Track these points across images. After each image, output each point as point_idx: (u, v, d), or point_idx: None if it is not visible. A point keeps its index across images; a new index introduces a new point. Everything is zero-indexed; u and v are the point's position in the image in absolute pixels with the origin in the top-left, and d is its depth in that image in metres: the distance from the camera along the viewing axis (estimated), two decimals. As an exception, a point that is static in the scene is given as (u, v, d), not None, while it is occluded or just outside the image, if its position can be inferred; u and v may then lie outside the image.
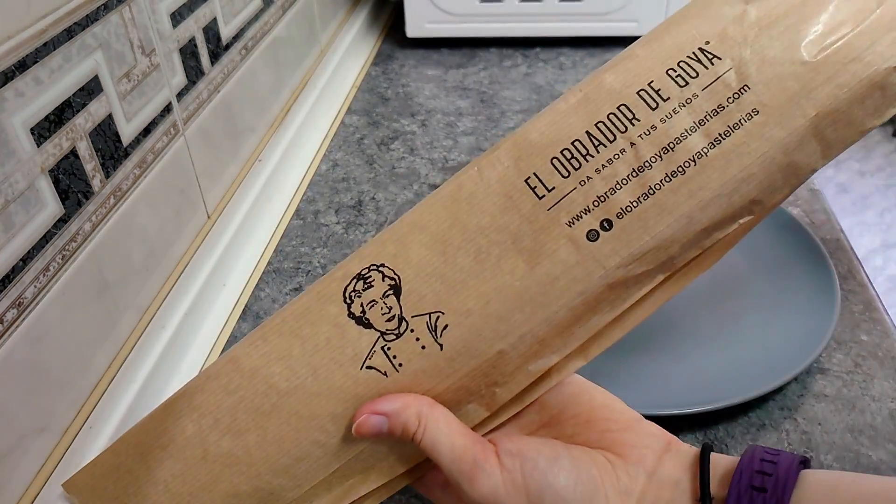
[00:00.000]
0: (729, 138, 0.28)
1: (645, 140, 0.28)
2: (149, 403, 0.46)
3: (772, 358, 0.46)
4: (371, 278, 0.30)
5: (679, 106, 0.29)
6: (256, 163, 0.65)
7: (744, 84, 0.28)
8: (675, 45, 0.30)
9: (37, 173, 0.37)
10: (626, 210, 0.28)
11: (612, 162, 0.29)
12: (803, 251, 0.53)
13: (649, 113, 0.29)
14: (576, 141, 0.29)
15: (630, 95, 0.29)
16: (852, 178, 2.35)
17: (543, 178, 0.29)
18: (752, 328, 0.49)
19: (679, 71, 0.29)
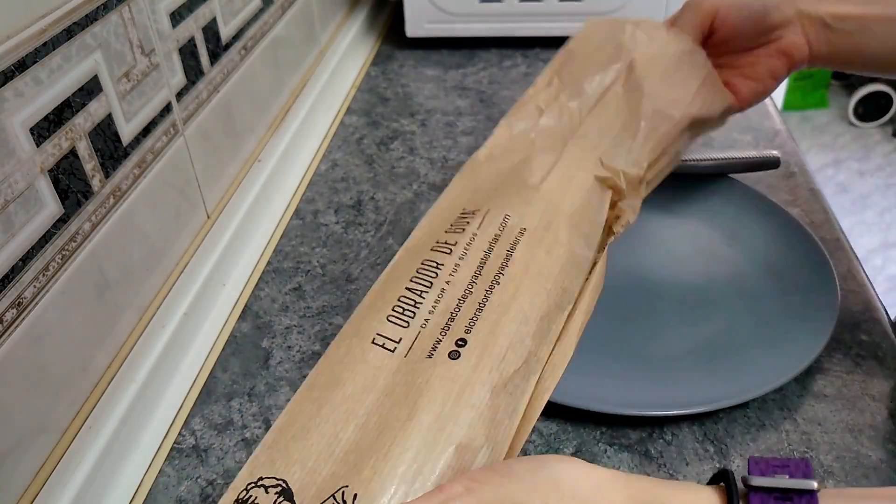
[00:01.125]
0: (516, 251, 0.36)
1: (455, 275, 0.35)
2: (149, 403, 0.46)
3: (772, 358, 0.46)
4: (252, 498, 0.28)
5: (468, 244, 0.36)
6: (256, 163, 0.65)
7: (505, 214, 0.38)
8: (441, 218, 0.39)
9: (36, 173, 0.37)
10: (473, 321, 0.33)
11: (439, 299, 0.34)
12: (803, 251, 0.53)
13: (447, 257, 0.35)
14: (401, 298, 0.34)
15: (426, 253, 0.36)
16: (852, 177, 2.35)
17: (387, 334, 0.33)
18: (752, 328, 0.49)
19: (452, 228, 0.37)
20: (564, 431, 0.45)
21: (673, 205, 0.60)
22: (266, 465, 0.28)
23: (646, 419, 0.45)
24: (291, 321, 0.54)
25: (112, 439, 0.42)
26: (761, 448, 0.43)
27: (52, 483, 0.39)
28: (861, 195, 2.27)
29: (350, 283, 0.57)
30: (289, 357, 0.51)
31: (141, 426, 0.45)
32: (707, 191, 0.61)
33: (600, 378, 0.47)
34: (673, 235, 0.58)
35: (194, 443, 0.46)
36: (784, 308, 0.50)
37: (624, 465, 0.43)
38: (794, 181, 0.65)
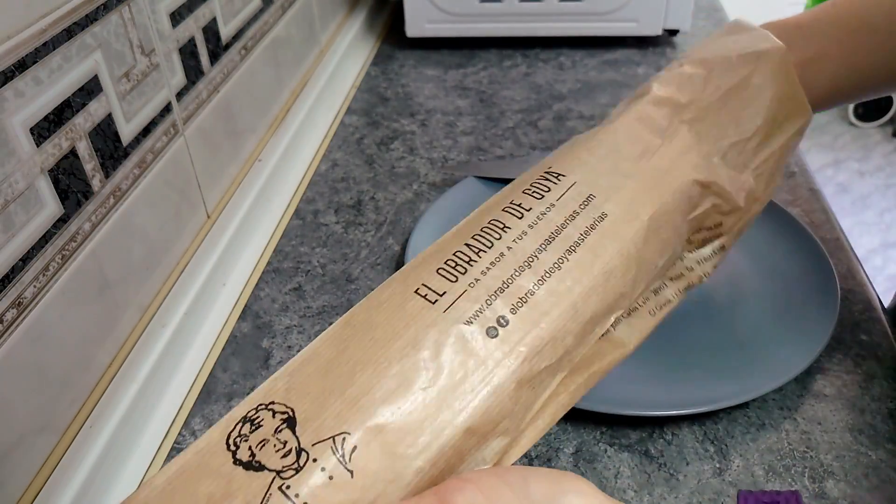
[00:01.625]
0: (589, 237, 0.32)
1: (520, 242, 0.32)
2: (149, 403, 0.46)
3: (772, 358, 0.46)
4: (259, 418, 0.27)
5: (542, 213, 0.33)
6: (256, 163, 0.65)
7: (590, 193, 0.34)
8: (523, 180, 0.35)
9: (36, 173, 0.37)
10: (522, 300, 0.30)
11: (495, 264, 0.31)
12: (803, 251, 0.53)
13: (518, 221, 0.32)
14: (457, 252, 0.31)
15: (496, 212, 0.33)
16: (852, 178, 2.35)
17: (433, 286, 0.30)
18: (752, 328, 0.49)
19: (532, 189, 0.34)
20: (564, 431, 0.45)
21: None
22: (281, 392, 0.28)
23: (646, 419, 0.45)
24: (292, 321, 0.54)
25: (113, 439, 0.42)
26: (761, 448, 0.43)
27: (53, 482, 0.39)
28: (861, 195, 2.28)
29: (350, 283, 0.57)
30: (289, 357, 0.51)
31: (141, 425, 0.45)
32: (707, 191, 0.61)
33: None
34: (673, 235, 0.58)
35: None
36: (784, 308, 0.50)
37: (624, 465, 0.43)
38: (794, 181, 0.65)
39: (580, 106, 0.80)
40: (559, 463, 0.43)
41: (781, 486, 0.41)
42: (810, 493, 0.41)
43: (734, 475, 0.42)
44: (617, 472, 0.42)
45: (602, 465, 0.43)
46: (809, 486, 0.41)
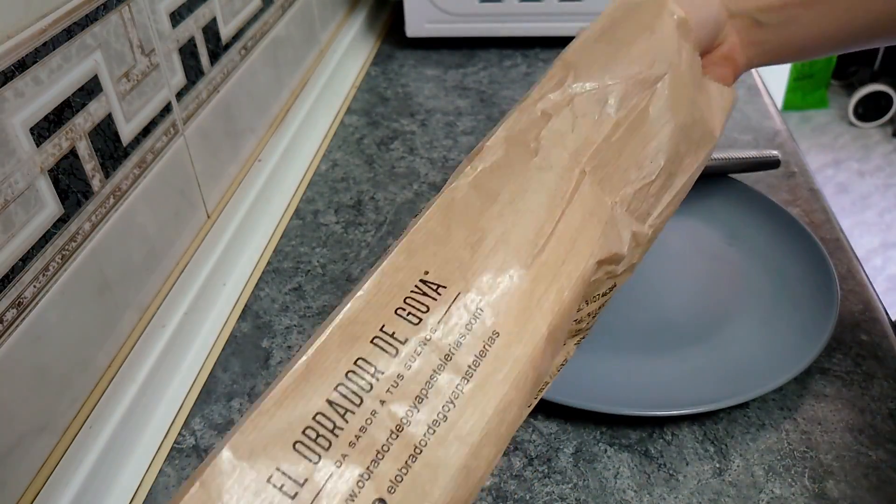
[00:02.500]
0: (480, 367, 0.26)
1: (395, 393, 0.25)
2: (149, 403, 0.46)
3: (772, 358, 0.46)
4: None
5: (420, 345, 0.25)
6: (256, 163, 0.65)
7: (477, 308, 0.27)
8: (395, 283, 0.27)
9: (36, 173, 0.37)
10: (396, 481, 0.24)
11: (365, 429, 0.24)
12: (803, 251, 0.53)
13: (390, 361, 0.25)
14: (318, 415, 0.24)
15: (365, 346, 0.25)
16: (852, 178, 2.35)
17: (290, 473, 0.23)
18: (752, 328, 0.49)
19: (408, 308, 0.26)
20: (564, 431, 0.45)
21: (673, 205, 0.60)
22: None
23: (646, 419, 0.45)
24: (291, 321, 0.54)
25: (112, 439, 0.42)
26: (761, 448, 0.43)
27: (53, 482, 0.39)
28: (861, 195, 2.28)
29: (350, 283, 0.57)
30: (289, 357, 0.51)
31: (141, 426, 0.45)
32: (707, 191, 0.61)
33: (600, 378, 0.47)
34: (673, 235, 0.58)
35: (194, 443, 0.46)
36: (784, 308, 0.50)
37: (624, 465, 0.43)
38: (794, 181, 0.65)
39: (580, 106, 0.80)
40: (559, 463, 0.43)
41: (782, 486, 0.41)
42: (810, 493, 0.41)
43: (734, 475, 0.42)
44: (617, 472, 0.42)
45: (602, 465, 0.43)
46: (809, 486, 0.41)
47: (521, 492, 0.42)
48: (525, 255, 0.28)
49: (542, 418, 0.46)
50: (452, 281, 0.27)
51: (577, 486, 0.42)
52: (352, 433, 0.24)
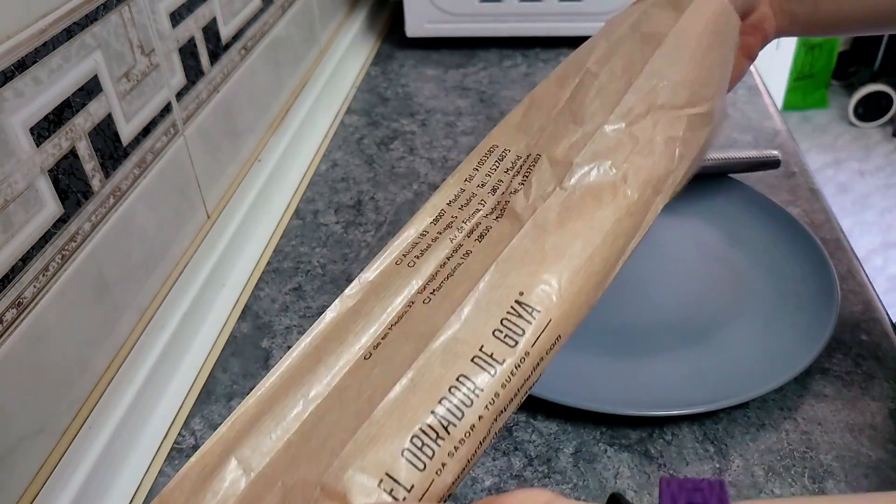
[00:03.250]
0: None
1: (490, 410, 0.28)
2: (149, 404, 0.46)
3: (772, 358, 0.46)
4: None
5: (515, 367, 0.28)
6: (256, 163, 0.65)
7: (557, 335, 0.30)
8: (492, 301, 0.30)
9: (36, 173, 0.37)
10: None
11: (464, 441, 0.27)
12: (803, 251, 0.53)
13: (490, 379, 0.28)
14: (424, 425, 0.26)
15: (465, 364, 0.28)
16: (852, 177, 2.35)
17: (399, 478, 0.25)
18: (752, 328, 0.49)
19: (505, 330, 0.29)
20: (564, 431, 0.45)
21: (673, 204, 0.60)
22: None
23: (646, 419, 0.45)
24: (291, 321, 0.54)
25: (112, 440, 0.42)
26: (761, 448, 0.43)
27: (52, 483, 0.39)
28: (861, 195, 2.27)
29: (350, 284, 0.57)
30: (289, 357, 0.51)
31: (141, 426, 0.45)
32: (707, 191, 0.61)
33: (600, 378, 0.47)
34: (673, 235, 0.58)
35: (194, 443, 0.46)
36: (784, 308, 0.50)
37: (624, 465, 0.43)
38: (794, 181, 0.65)
39: (580, 106, 0.80)
40: (559, 463, 0.43)
41: (782, 487, 0.41)
42: (810, 493, 0.41)
43: (734, 475, 0.42)
44: (617, 472, 0.42)
45: (602, 466, 0.43)
46: (809, 486, 0.41)
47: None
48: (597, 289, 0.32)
49: (542, 418, 0.45)
50: (546, 304, 0.30)
51: (577, 486, 0.42)
52: (455, 438, 0.27)
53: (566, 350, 0.35)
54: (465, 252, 0.32)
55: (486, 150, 0.37)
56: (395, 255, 0.33)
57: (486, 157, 0.36)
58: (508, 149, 0.36)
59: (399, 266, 0.33)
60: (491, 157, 0.36)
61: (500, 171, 0.36)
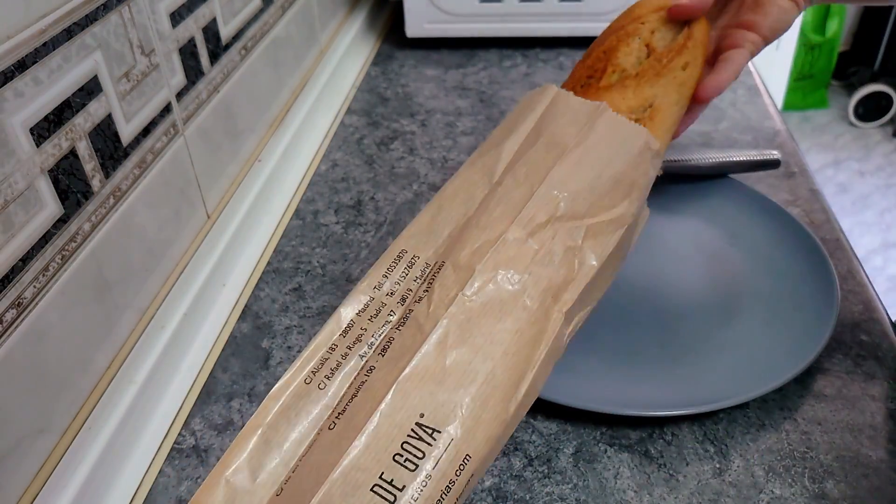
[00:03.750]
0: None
1: None
2: (149, 404, 0.46)
3: (772, 358, 0.46)
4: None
5: (418, 492, 0.29)
6: (256, 163, 0.65)
7: (465, 455, 0.30)
8: (393, 425, 0.30)
9: (36, 173, 0.37)
10: None
11: None
12: (803, 251, 0.53)
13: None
14: None
15: (364, 496, 0.28)
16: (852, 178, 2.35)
17: None
18: (752, 328, 0.49)
19: (406, 454, 0.29)
20: (564, 431, 0.45)
21: (673, 205, 0.61)
22: None
23: (646, 419, 0.45)
24: (291, 321, 0.54)
25: (112, 440, 0.42)
26: (761, 448, 0.43)
27: (52, 483, 0.39)
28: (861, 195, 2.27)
29: (350, 284, 0.57)
30: (289, 357, 0.51)
31: (141, 426, 0.45)
32: (707, 191, 0.61)
33: (600, 378, 0.47)
34: (673, 235, 0.58)
35: (194, 443, 0.46)
36: (784, 308, 0.50)
37: (624, 466, 0.43)
38: (794, 181, 0.65)
39: (580, 106, 0.80)
40: (559, 463, 0.43)
41: (782, 487, 0.41)
42: (810, 494, 0.41)
43: (734, 475, 0.42)
44: (617, 472, 0.42)
45: (602, 466, 0.43)
46: (809, 486, 0.41)
47: (521, 492, 0.42)
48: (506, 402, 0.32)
49: (542, 418, 0.45)
50: (446, 424, 0.30)
51: (577, 486, 0.42)
52: None
53: (566, 350, 0.36)
54: (369, 368, 0.32)
55: (395, 254, 0.37)
56: (306, 371, 0.33)
57: (395, 263, 0.36)
58: (418, 255, 0.36)
59: (309, 385, 0.32)
60: (401, 263, 0.36)
61: (410, 280, 0.36)
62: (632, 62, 0.45)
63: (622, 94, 0.44)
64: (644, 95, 0.44)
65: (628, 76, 0.45)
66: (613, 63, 0.45)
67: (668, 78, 0.44)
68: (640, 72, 0.45)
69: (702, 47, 0.46)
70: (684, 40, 0.45)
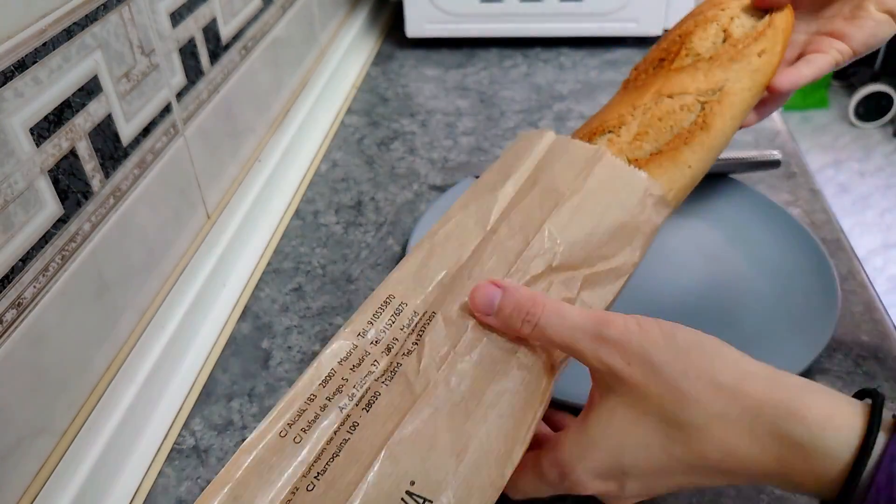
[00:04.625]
0: None
1: None
2: (149, 404, 0.46)
3: (772, 358, 0.46)
4: None
5: None
6: (256, 163, 0.65)
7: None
8: (381, 493, 0.29)
9: (36, 173, 0.37)
10: None
11: None
12: (803, 251, 0.53)
13: None
14: None
15: None
16: (852, 178, 2.35)
17: None
18: (752, 328, 0.49)
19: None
20: (565, 432, 0.45)
21: (673, 205, 0.60)
22: None
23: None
24: (292, 321, 0.54)
25: (112, 440, 0.42)
26: (762, 449, 0.43)
27: (52, 484, 0.38)
28: (861, 195, 2.27)
29: (350, 284, 0.57)
30: (289, 357, 0.51)
31: (141, 427, 0.45)
32: (707, 191, 0.61)
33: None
34: (673, 235, 0.58)
35: (194, 443, 0.46)
36: (784, 308, 0.50)
37: (624, 466, 0.43)
38: (794, 181, 0.65)
39: (580, 106, 0.80)
40: (559, 464, 0.43)
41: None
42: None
43: (735, 476, 0.42)
44: (617, 472, 0.42)
45: (602, 466, 0.43)
46: (810, 486, 0.41)
47: (521, 492, 0.42)
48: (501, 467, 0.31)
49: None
50: (438, 493, 0.29)
51: (578, 486, 0.42)
52: None
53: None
54: (353, 424, 0.30)
55: (382, 300, 0.34)
56: (281, 423, 0.30)
57: (381, 310, 0.34)
58: (406, 302, 0.34)
59: (284, 439, 0.30)
60: (387, 309, 0.34)
61: (396, 328, 0.33)
62: (707, 46, 0.45)
63: (692, 77, 0.43)
64: (715, 78, 0.43)
65: (701, 59, 0.44)
66: (688, 46, 0.45)
67: (741, 63, 0.43)
68: (714, 55, 0.44)
69: (782, 36, 0.45)
70: (764, 28, 0.45)
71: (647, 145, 0.42)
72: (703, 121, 0.42)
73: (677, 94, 0.42)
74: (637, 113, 0.42)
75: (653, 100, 0.43)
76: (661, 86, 0.43)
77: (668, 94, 0.42)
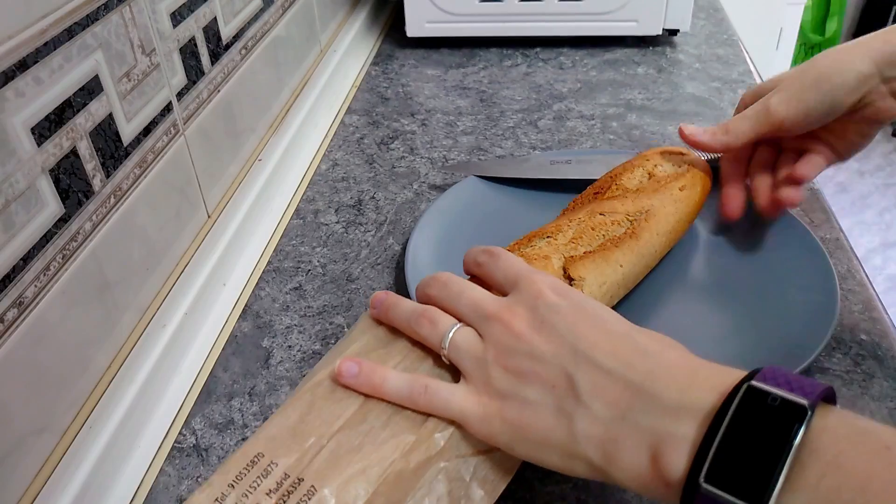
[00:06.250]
0: None
1: None
2: (149, 403, 0.46)
3: (772, 358, 0.46)
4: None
5: None
6: (256, 162, 0.65)
7: None
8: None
9: (37, 173, 0.37)
10: None
11: None
12: (803, 251, 0.53)
13: None
14: None
15: None
16: (852, 177, 2.35)
17: None
18: (751, 328, 0.49)
19: None
20: (565, 431, 0.45)
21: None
22: None
23: None
24: (292, 321, 0.54)
25: (112, 439, 0.42)
26: (761, 448, 0.43)
27: (53, 483, 0.39)
28: (861, 195, 2.28)
29: (351, 283, 0.57)
30: (289, 357, 0.51)
31: (141, 426, 0.45)
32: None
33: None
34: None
35: (195, 442, 0.46)
36: (784, 308, 0.50)
37: (624, 465, 0.43)
38: (794, 181, 0.65)
39: (580, 106, 0.80)
40: (559, 463, 0.43)
41: (781, 486, 0.41)
42: (810, 493, 0.41)
43: (734, 475, 0.42)
44: (617, 471, 0.42)
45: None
46: (809, 486, 0.41)
47: (521, 491, 0.42)
48: None
49: (543, 418, 0.45)
50: None
51: (578, 485, 0.42)
52: None
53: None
54: None
55: (249, 458, 0.32)
56: None
57: (247, 469, 0.31)
58: (276, 461, 0.32)
59: None
60: (254, 469, 0.32)
61: (261, 492, 0.31)
62: (634, 183, 0.53)
63: (622, 202, 0.50)
64: (641, 204, 0.50)
65: (629, 192, 0.52)
66: (618, 183, 0.53)
67: (664, 194, 0.51)
68: (640, 188, 0.52)
69: (700, 178, 0.54)
70: (684, 171, 0.54)
71: (581, 246, 0.47)
72: (632, 231, 0.48)
73: (608, 213, 0.49)
74: (573, 224, 0.48)
75: (587, 215, 0.49)
76: (594, 207, 0.50)
77: (600, 212, 0.49)
